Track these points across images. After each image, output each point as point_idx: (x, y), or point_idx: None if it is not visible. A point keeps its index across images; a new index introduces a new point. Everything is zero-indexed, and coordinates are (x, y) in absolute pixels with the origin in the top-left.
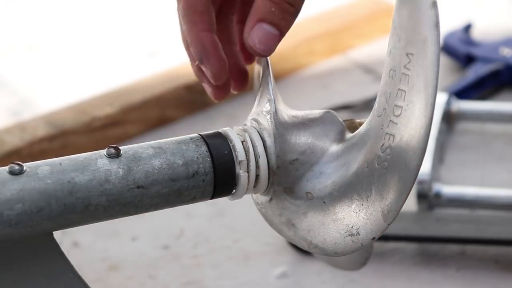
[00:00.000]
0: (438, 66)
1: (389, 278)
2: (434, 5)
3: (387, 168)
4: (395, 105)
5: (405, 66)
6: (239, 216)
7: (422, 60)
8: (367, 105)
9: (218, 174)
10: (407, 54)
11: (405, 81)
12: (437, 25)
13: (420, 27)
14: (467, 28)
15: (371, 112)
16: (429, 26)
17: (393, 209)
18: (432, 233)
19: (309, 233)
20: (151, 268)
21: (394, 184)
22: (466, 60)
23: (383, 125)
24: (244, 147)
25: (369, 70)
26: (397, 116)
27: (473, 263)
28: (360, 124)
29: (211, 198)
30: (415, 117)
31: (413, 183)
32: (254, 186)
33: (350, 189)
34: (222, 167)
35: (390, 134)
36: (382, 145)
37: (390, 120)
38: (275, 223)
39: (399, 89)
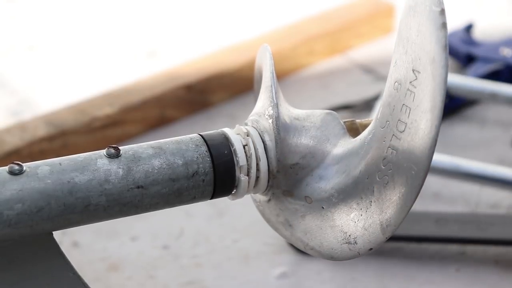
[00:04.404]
0: (445, 89)
1: (389, 278)
2: (444, 26)
3: (388, 183)
4: (399, 120)
5: (411, 82)
6: (238, 216)
7: (429, 81)
8: (367, 105)
9: (218, 174)
10: (413, 71)
11: (410, 98)
12: (445, 47)
13: (429, 47)
14: (468, 28)
15: (373, 120)
16: (437, 48)
17: (392, 224)
18: (432, 233)
19: (305, 235)
20: (151, 268)
21: (394, 201)
22: (466, 59)
23: (385, 137)
24: (245, 152)
25: (369, 70)
26: (401, 132)
27: (473, 263)
28: (361, 124)
29: (211, 198)
30: (419, 137)
31: (414, 202)
32: (254, 187)
33: (350, 197)
34: (222, 167)
35: (393, 149)
36: (384, 158)
37: (393, 135)
38: (272, 221)
39: (403, 104)
